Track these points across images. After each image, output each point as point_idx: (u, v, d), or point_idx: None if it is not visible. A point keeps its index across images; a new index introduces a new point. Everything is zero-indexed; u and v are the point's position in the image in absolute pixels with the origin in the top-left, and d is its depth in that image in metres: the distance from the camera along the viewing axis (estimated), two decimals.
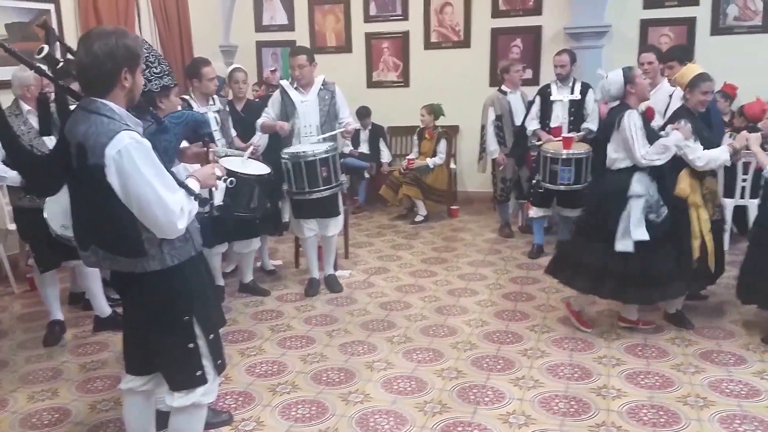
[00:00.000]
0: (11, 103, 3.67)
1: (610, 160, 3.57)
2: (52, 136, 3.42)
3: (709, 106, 3.73)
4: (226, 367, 2.59)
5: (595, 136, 3.86)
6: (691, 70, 3.63)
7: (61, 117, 3.00)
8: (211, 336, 2.25)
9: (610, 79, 3.58)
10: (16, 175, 3.52)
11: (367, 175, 7.06)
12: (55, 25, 5.41)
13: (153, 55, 2.73)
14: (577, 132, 5.08)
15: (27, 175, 3.25)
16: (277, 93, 4.55)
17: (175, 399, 2.26)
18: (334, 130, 4.43)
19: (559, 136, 5.04)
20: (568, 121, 5.19)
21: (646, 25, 6.48)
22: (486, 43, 7.05)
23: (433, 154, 6.61)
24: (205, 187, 2.27)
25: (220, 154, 3.77)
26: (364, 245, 5.78)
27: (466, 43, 7.14)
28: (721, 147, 3.56)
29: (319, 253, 4.68)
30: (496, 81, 6.35)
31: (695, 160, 3.50)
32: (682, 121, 3.50)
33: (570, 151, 4.81)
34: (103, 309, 3.96)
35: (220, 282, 4.47)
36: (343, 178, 4.41)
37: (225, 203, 3.41)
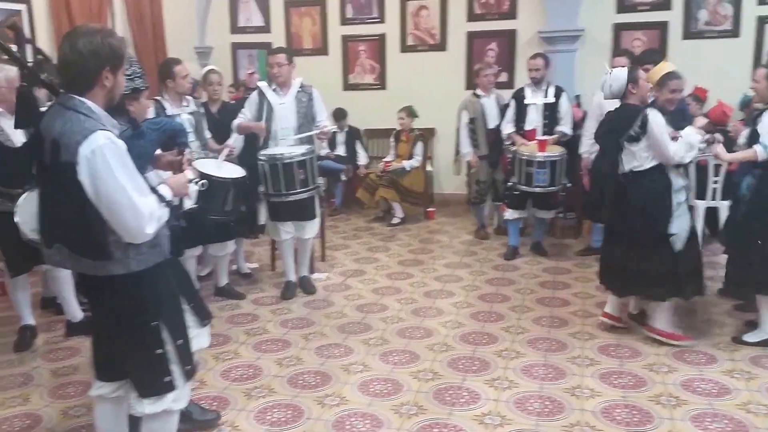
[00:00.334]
0: None
1: (637, 162, 3.50)
2: (24, 130, 3.36)
3: (682, 107, 3.77)
4: (198, 372, 2.57)
5: (602, 142, 3.69)
6: (660, 69, 3.61)
7: (27, 114, 2.94)
8: (179, 341, 2.22)
9: (614, 75, 3.60)
10: None
11: (343, 177, 7.05)
12: (28, 26, 5.32)
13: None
14: (551, 135, 5.15)
15: None
16: (255, 94, 4.52)
17: (145, 406, 2.23)
18: (311, 132, 4.42)
19: (533, 139, 5.10)
20: (543, 124, 5.25)
21: (619, 29, 6.58)
22: (462, 47, 7.09)
23: (410, 157, 6.64)
24: (177, 195, 2.26)
25: (194, 158, 3.74)
26: (340, 248, 5.77)
27: (442, 46, 7.17)
28: (684, 130, 3.54)
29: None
30: (472, 84, 6.40)
31: (673, 157, 3.48)
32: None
33: (545, 153, 4.87)
34: (75, 313, 3.90)
35: (195, 286, 4.41)
36: (320, 181, 4.40)
37: (198, 206, 3.38)
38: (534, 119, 5.27)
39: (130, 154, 2.02)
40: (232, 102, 5.57)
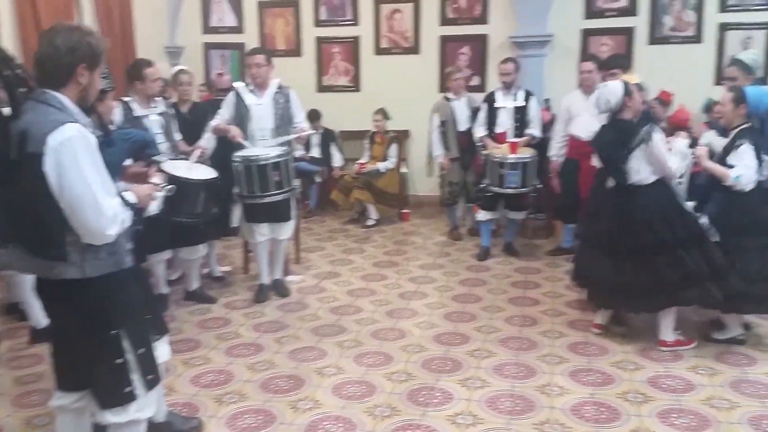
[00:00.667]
0: None
1: (640, 177, 3.51)
2: None
3: (646, 111, 3.86)
4: (166, 379, 2.52)
5: (605, 155, 3.66)
6: (628, 81, 3.69)
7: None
8: (141, 350, 2.17)
9: (611, 90, 3.55)
10: None
11: (318, 179, 7.03)
12: None
13: None
14: (521, 137, 5.22)
15: None
16: (232, 95, 4.47)
17: (108, 417, 2.18)
18: (289, 134, 4.39)
19: (504, 141, 5.17)
20: (513, 126, 5.31)
21: (587, 34, 6.70)
22: (435, 50, 7.13)
23: (384, 159, 6.66)
24: (141, 205, 2.23)
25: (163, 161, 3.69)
26: (315, 250, 5.75)
27: (415, 49, 7.21)
28: (675, 144, 3.66)
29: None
30: (445, 87, 6.43)
31: (676, 173, 3.61)
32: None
33: (516, 155, 4.94)
34: (39, 320, 3.79)
35: (165, 290, 4.35)
36: (295, 183, 4.38)
37: (166, 209, 3.34)
38: (505, 122, 5.33)
39: None
40: (203, 102, 5.52)
